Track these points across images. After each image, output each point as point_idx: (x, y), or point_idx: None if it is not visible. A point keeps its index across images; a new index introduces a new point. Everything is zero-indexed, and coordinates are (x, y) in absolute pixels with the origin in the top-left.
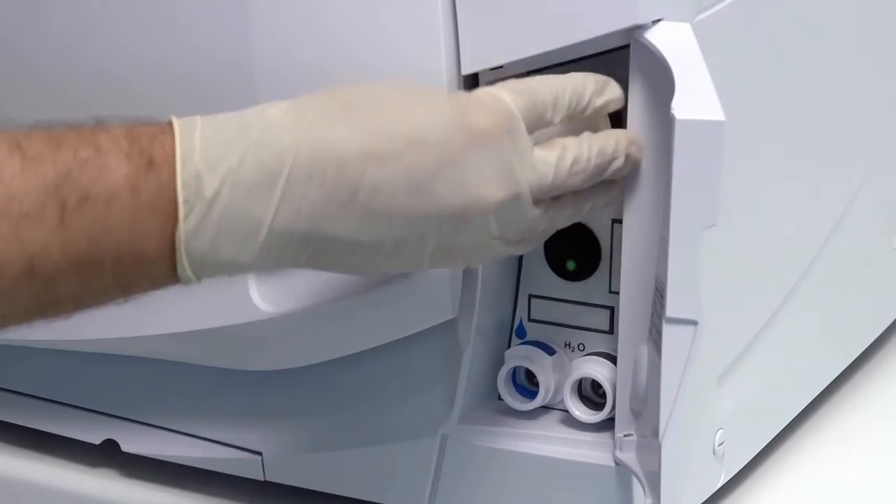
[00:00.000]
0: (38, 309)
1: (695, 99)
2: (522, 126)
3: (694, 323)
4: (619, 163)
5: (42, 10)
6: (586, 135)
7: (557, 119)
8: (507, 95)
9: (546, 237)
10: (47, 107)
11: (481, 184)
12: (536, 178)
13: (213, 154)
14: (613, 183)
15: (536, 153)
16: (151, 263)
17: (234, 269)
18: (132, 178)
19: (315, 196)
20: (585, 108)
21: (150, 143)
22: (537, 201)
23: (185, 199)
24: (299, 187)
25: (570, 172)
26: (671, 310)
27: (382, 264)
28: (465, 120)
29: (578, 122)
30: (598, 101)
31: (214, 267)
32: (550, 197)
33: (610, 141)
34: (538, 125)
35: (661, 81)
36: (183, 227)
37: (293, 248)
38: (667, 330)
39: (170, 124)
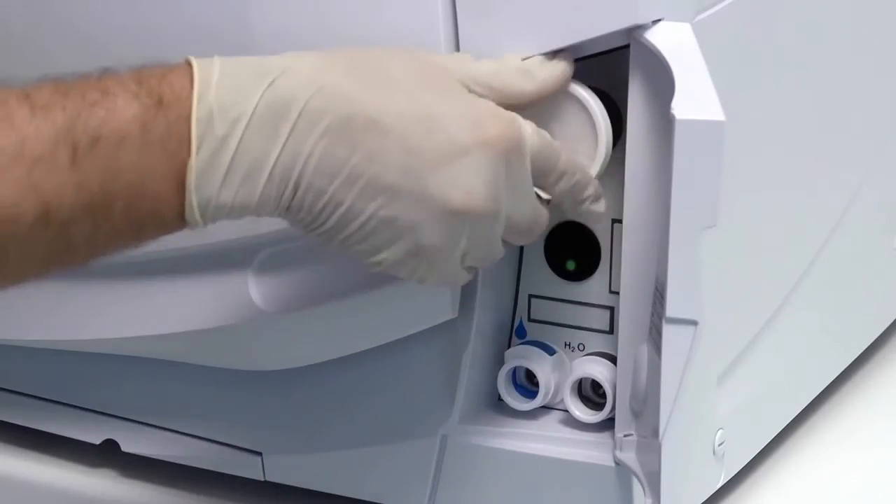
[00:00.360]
0: (54, 255)
1: (695, 99)
2: (529, 158)
3: (694, 323)
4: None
5: (42, 3)
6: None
7: (551, 190)
8: (529, 126)
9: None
10: None
11: (474, 185)
12: (517, 215)
13: (229, 94)
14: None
15: (536, 191)
16: (161, 203)
17: (238, 211)
18: (141, 117)
19: (314, 145)
20: (579, 195)
21: (160, 83)
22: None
23: (198, 136)
24: (302, 134)
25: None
26: (671, 310)
27: (354, 243)
28: (479, 120)
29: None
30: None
31: (219, 210)
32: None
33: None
34: (541, 178)
35: (661, 81)
36: (194, 163)
37: (286, 197)
38: (667, 330)
39: (182, 64)
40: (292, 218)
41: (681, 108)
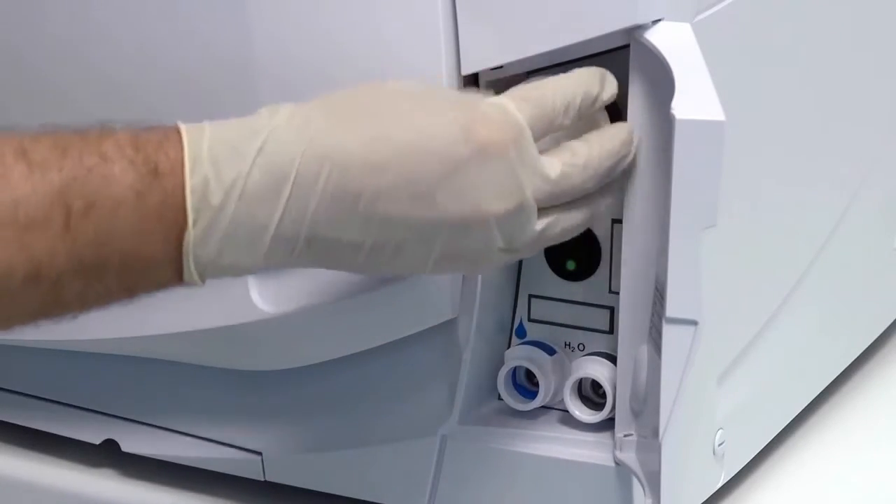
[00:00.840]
0: (43, 310)
1: (695, 99)
2: (529, 136)
3: (694, 323)
4: (627, 160)
5: (41, 11)
6: (593, 136)
7: (568, 123)
8: (514, 105)
9: (556, 242)
10: (48, 108)
11: (484, 196)
12: (544, 186)
13: (222, 162)
14: (615, 181)
15: (544, 161)
16: (156, 267)
17: (238, 272)
18: (137, 186)
19: (318, 203)
20: (592, 106)
21: (156, 151)
22: (545, 208)
23: (193, 206)
24: (303, 194)
25: (580, 177)
26: (671, 310)
27: (385, 266)
28: (469, 132)
29: (581, 118)
30: (605, 97)
31: (219, 270)
32: (561, 203)
33: (616, 141)
34: (548, 131)
35: (661, 81)
36: (192, 234)
37: (296, 252)
38: (667, 330)
39: (175, 130)
40: (308, 265)
41: (681, 108)
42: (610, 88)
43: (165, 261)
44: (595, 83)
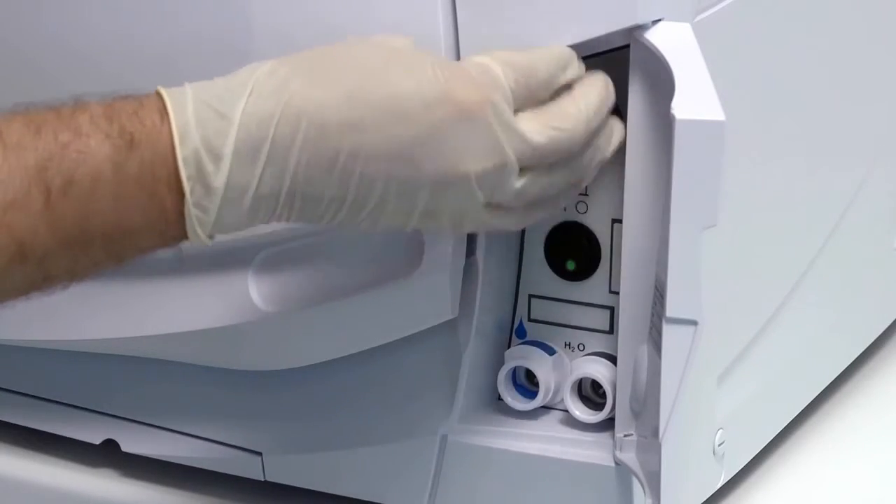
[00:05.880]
0: (32, 286)
1: (695, 99)
2: (510, 98)
3: (694, 323)
4: (608, 109)
5: (34, 3)
6: (578, 93)
7: (547, 97)
8: (499, 68)
9: (543, 210)
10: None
11: (462, 155)
12: (525, 146)
13: (210, 130)
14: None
15: (526, 122)
16: (140, 235)
17: (221, 231)
18: (114, 158)
19: (296, 161)
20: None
21: (130, 120)
22: (528, 168)
23: (188, 176)
24: (281, 153)
25: (568, 143)
26: (671, 310)
27: (367, 221)
28: (448, 91)
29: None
30: (578, 73)
31: (221, 230)
32: (546, 164)
33: (597, 96)
34: (528, 101)
35: (662, 81)
36: (191, 200)
37: (277, 208)
38: (667, 330)
39: (151, 97)
40: (292, 220)
41: (681, 107)
42: (579, 67)
43: (149, 228)
44: (574, 59)
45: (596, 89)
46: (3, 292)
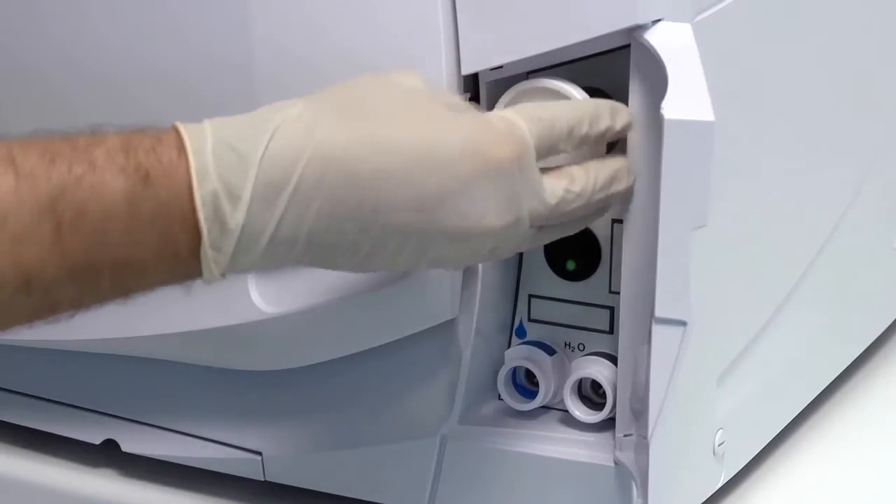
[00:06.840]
0: (36, 315)
1: (686, 99)
2: (534, 155)
3: (683, 323)
4: (621, 192)
5: (37, 13)
6: (592, 165)
7: (570, 149)
8: (524, 123)
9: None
10: (43, 111)
11: (485, 210)
12: (540, 207)
13: (229, 173)
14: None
15: (545, 183)
16: (150, 272)
17: (234, 270)
18: (128, 194)
19: (318, 207)
20: (597, 137)
21: (147, 157)
22: (535, 226)
23: (206, 217)
24: (304, 198)
25: (575, 204)
26: (660, 310)
27: (379, 266)
28: (477, 145)
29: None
30: (617, 127)
31: (236, 269)
32: (552, 223)
33: (612, 173)
34: (550, 153)
35: (659, 82)
36: (207, 242)
37: (294, 253)
38: (656, 330)
39: (169, 133)
40: (304, 265)
41: (670, 107)
42: (620, 122)
43: (160, 265)
44: (603, 114)
45: (615, 171)
46: (6, 321)
